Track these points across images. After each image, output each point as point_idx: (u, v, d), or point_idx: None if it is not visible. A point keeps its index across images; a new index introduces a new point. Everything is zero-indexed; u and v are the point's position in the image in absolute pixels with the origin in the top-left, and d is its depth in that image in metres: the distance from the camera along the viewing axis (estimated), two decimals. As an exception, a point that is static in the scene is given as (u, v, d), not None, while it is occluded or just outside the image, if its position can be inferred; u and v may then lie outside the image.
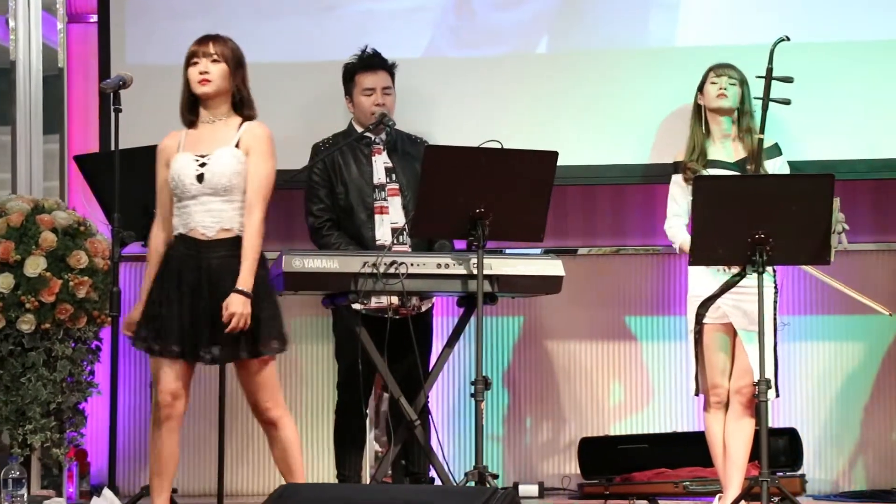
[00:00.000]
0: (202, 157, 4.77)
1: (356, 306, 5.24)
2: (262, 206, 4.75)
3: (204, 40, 4.88)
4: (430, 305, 5.65)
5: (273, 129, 6.00)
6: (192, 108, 4.85)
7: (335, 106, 5.91)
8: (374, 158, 5.63)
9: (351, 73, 5.69)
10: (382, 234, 5.54)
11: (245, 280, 4.65)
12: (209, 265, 4.70)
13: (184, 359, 4.68)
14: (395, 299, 5.28)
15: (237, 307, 4.62)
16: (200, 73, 4.81)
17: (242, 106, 4.86)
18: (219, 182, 4.75)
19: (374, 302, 5.32)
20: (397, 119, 5.67)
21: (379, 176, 5.61)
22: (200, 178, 4.75)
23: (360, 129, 5.64)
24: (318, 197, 5.62)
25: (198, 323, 4.68)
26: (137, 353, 4.95)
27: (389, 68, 5.70)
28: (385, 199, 5.58)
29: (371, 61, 5.68)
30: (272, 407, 4.77)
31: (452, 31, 6.18)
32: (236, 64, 4.86)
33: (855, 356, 6.30)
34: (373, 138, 5.64)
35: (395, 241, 5.51)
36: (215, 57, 4.82)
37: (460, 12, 6.20)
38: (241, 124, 4.84)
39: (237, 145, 4.79)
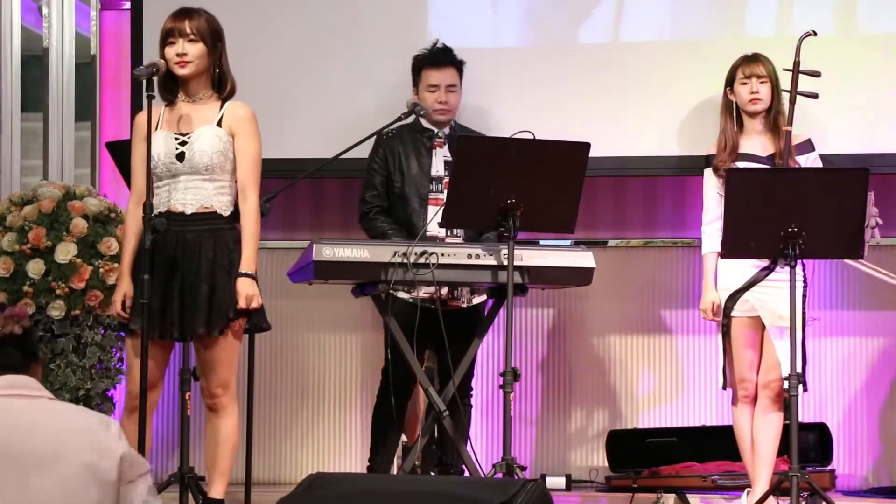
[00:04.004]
0: (183, 135, 4.74)
1: (402, 295, 5.24)
2: (255, 188, 4.77)
3: (180, 16, 4.78)
4: (482, 299, 5.62)
5: (309, 116, 5.96)
6: (169, 86, 4.79)
7: (370, 95, 5.91)
8: (434, 151, 5.63)
9: (418, 68, 5.67)
10: (433, 224, 5.52)
11: (248, 263, 4.69)
12: (184, 238, 4.69)
13: (162, 339, 4.68)
14: (444, 290, 5.28)
15: (248, 289, 4.66)
16: (178, 55, 4.74)
17: (222, 82, 4.81)
18: (200, 161, 4.72)
19: (423, 292, 5.32)
20: (459, 113, 5.66)
21: (437, 168, 5.61)
22: (181, 156, 4.72)
23: (424, 122, 5.63)
24: (372, 184, 5.62)
25: (171, 300, 4.67)
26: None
27: (457, 64, 5.66)
28: (441, 192, 5.56)
29: (437, 57, 5.65)
30: (220, 393, 4.74)
31: (487, 23, 6.17)
32: (214, 40, 4.78)
33: (885, 351, 6.27)
34: (435, 131, 5.63)
35: (448, 234, 5.51)
36: (192, 36, 4.73)
37: (494, 4, 6.18)
38: (222, 103, 4.81)
39: (219, 124, 4.77)
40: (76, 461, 2.92)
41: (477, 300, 5.56)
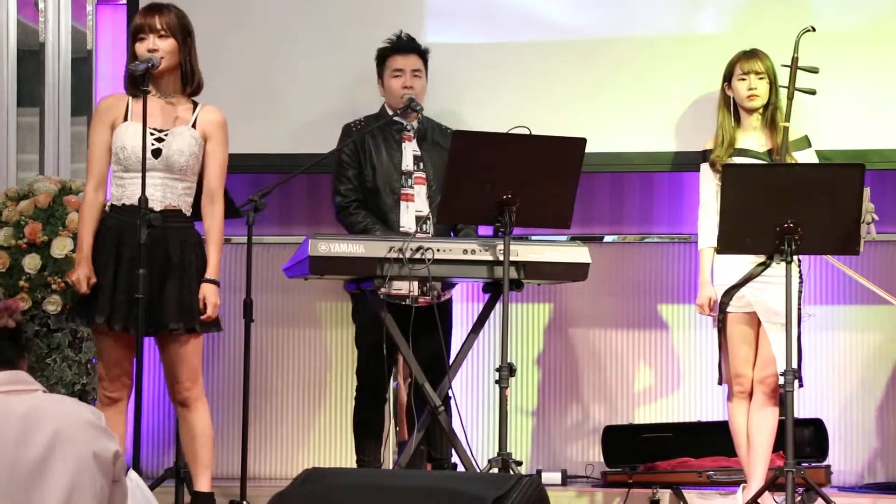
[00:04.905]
0: (159, 131, 4.75)
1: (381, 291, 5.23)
2: (222, 193, 4.84)
3: (150, 12, 4.80)
4: (449, 296, 5.63)
5: (304, 110, 5.95)
6: (137, 80, 4.76)
7: (366, 90, 5.90)
8: (403, 145, 5.62)
9: (383, 57, 5.69)
10: (407, 220, 5.52)
11: (215, 270, 4.76)
12: (151, 234, 4.67)
13: (125, 331, 4.69)
14: (415, 287, 5.28)
15: (215, 297, 4.74)
16: (149, 52, 4.75)
17: (190, 80, 4.83)
18: (177, 161, 4.75)
19: (394, 288, 5.31)
20: (426, 105, 5.66)
21: (407, 163, 5.60)
22: (157, 153, 4.73)
23: (391, 113, 5.64)
24: (346, 177, 5.61)
25: (134, 295, 4.67)
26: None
27: (422, 53, 5.69)
28: (411, 187, 5.57)
29: (402, 44, 5.68)
30: (190, 387, 4.79)
31: (481, 17, 6.16)
32: (184, 35, 4.80)
33: (881, 347, 6.27)
34: (404, 124, 5.63)
35: (419, 230, 5.50)
36: (162, 32, 4.75)
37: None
38: (194, 104, 4.84)
39: (193, 126, 4.79)
40: (85, 451, 2.95)
41: (446, 297, 5.57)
